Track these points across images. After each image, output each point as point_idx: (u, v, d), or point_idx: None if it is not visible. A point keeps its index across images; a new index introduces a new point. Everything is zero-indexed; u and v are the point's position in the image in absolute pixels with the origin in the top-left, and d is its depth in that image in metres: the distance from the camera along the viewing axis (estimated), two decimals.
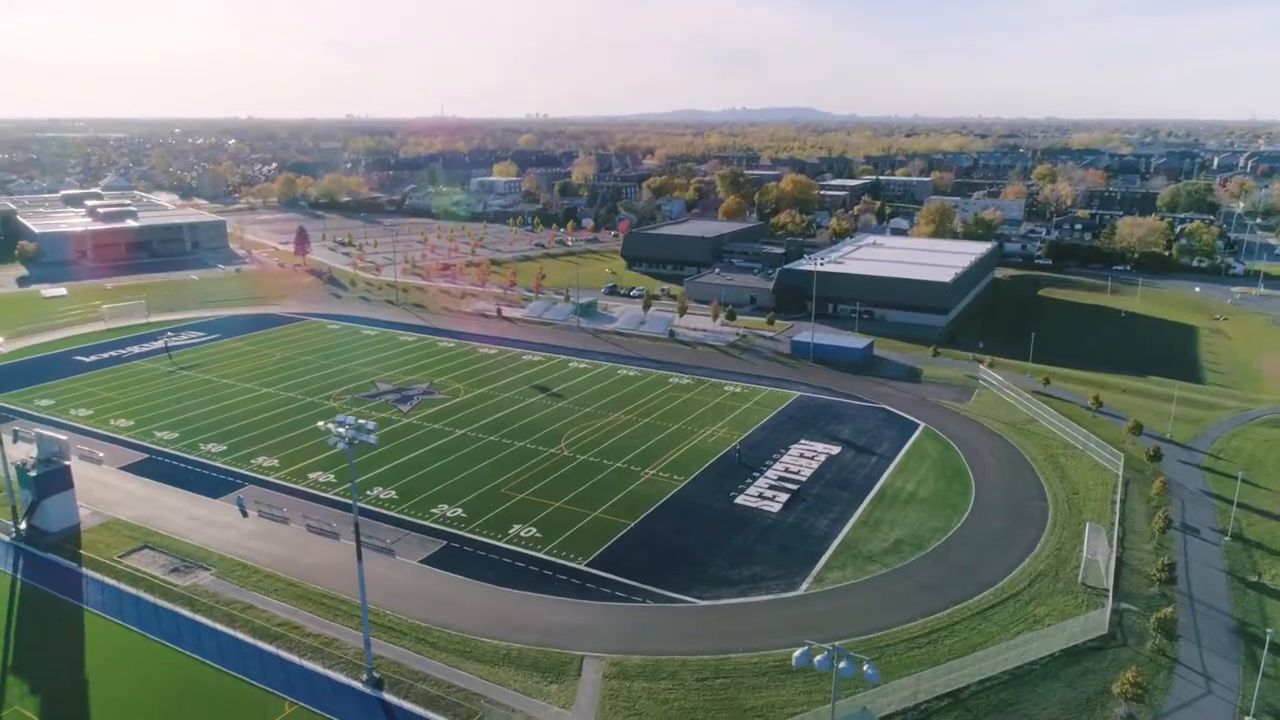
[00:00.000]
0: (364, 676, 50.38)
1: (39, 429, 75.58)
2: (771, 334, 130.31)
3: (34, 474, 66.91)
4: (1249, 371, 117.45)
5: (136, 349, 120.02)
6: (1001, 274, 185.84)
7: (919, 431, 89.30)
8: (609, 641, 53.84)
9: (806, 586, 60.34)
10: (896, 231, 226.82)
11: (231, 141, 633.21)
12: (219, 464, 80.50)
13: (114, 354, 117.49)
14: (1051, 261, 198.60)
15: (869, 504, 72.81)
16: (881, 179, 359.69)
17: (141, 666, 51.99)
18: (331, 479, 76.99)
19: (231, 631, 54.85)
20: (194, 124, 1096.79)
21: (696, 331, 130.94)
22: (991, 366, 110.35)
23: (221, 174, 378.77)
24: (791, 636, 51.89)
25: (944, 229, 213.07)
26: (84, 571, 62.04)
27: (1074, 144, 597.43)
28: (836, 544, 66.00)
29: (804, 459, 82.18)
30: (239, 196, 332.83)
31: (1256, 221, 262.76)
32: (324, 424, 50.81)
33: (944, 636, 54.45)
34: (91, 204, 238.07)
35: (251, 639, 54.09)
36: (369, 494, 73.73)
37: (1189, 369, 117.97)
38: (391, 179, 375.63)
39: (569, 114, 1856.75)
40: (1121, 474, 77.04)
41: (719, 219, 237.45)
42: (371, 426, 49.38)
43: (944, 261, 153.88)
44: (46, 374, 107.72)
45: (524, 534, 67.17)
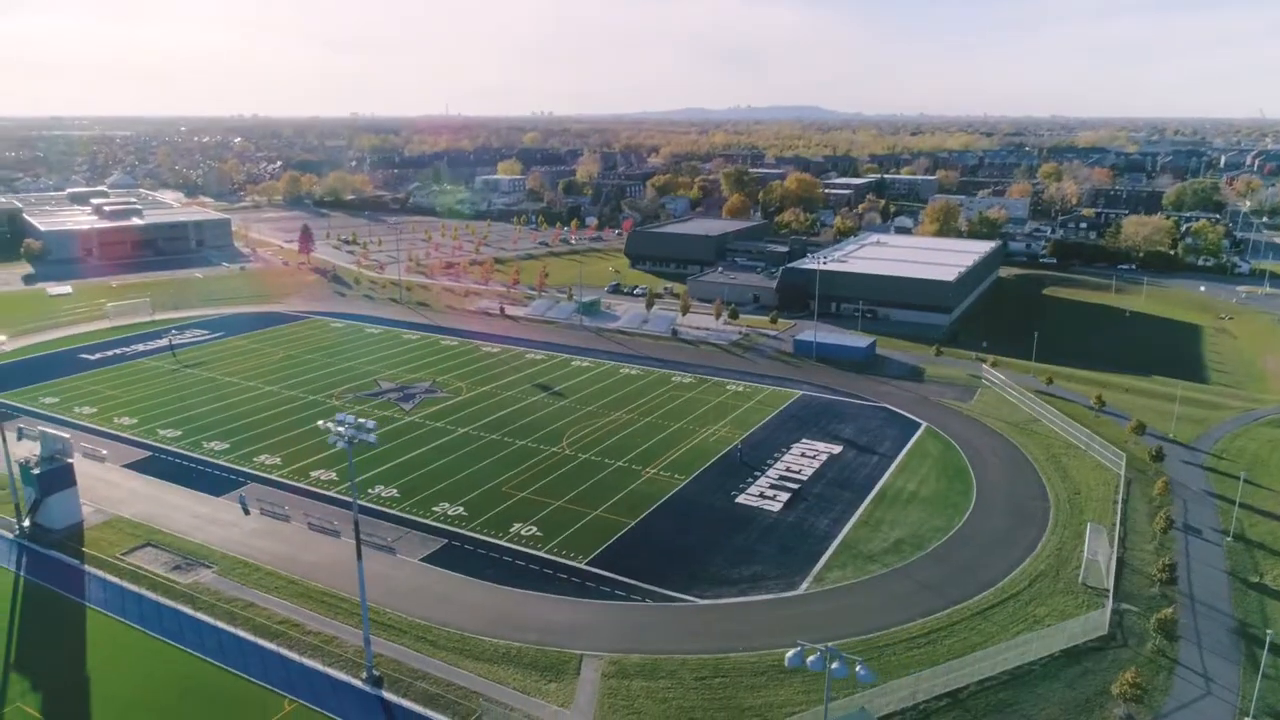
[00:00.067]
0: (364, 674, 50.58)
1: (42, 427, 75.98)
2: (774, 333, 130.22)
3: (37, 472, 67.24)
4: (1253, 371, 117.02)
5: (141, 347, 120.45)
6: (1006, 273, 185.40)
7: (921, 431, 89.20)
8: (608, 640, 53.93)
9: (806, 586, 60.35)
10: (901, 230, 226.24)
11: (237, 139, 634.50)
12: (222, 462, 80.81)
13: (118, 352, 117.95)
14: (1056, 260, 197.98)
15: (870, 503, 72.77)
16: (886, 177, 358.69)
17: (143, 664, 52.25)
18: (333, 477, 77.22)
19: (232, 629, 55.09)
20: (199, 122, 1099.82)
21: (699, 330, 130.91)
22: (994, 366, 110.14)
23: (227, 172, 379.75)
24: (791, 636, 51.75)
25: (948, 228, 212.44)
26: (86, 569, 62.36)
27: (1080, 142, 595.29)
28: (837, 543, 66.00)
29: (805, 458, 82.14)
30: (244, 194, 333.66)
31: (1263, 220, 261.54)
32: (323, 423, 50.96)
33: (943, 636, 54.42)
34: (97, 202, 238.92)
35: (252, 636, 54.33)
36: (370, 492, 73.94)
37: (1193, 369, 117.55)
38: (396, 177, 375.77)
39: (574, 112, 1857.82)
40: (1123, 474, 76.85)
41: (723, 217, 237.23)
42: (371, 425, 49.48)
43: (948, 260, 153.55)
44: (51, 372, 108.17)
45: (524, 533, 67.30)
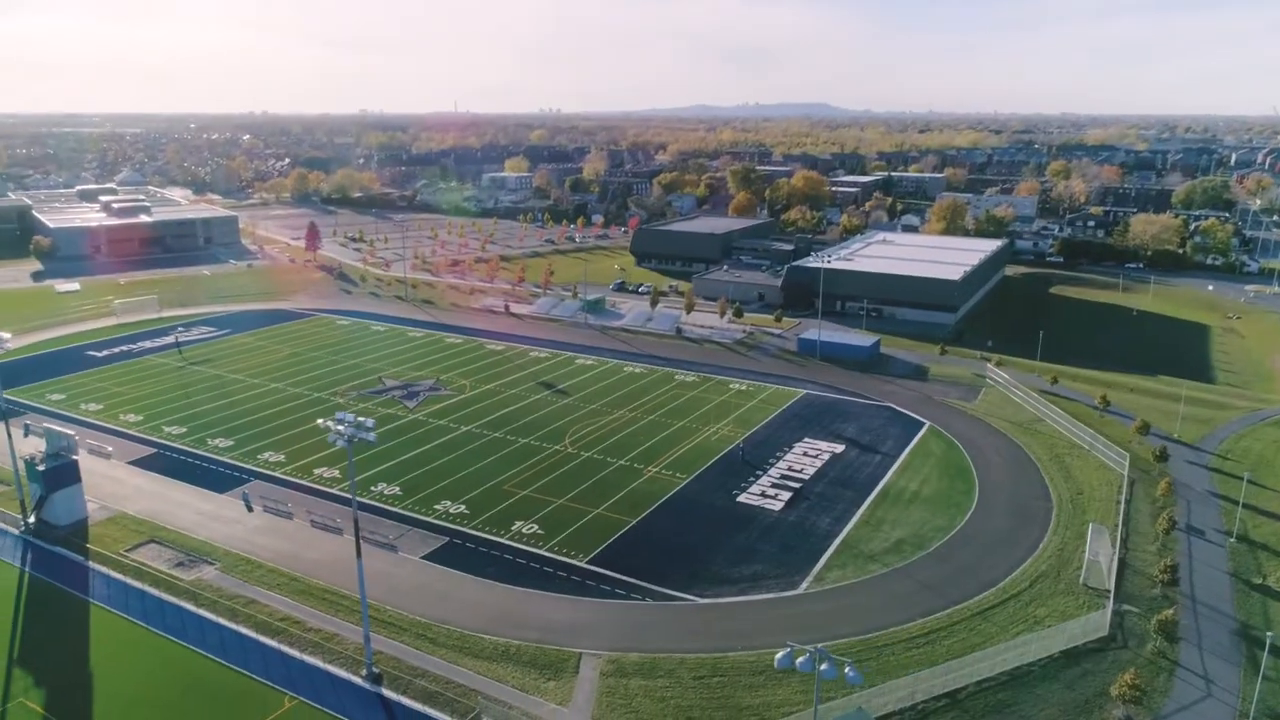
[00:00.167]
0: (363, 672, 50.82)
1: (48, 423, 76.48)
2: (779, 331, 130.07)
3: (42, 468, 67.69)
4: (1261, 371, 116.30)
5: (148, 344, 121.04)
6: (1012, 271, 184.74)
7: (924, 430, 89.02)
8: (607, 639, 54.04)
9: (806, 585, 60.35)
10: (908, 228, 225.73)
11: (246, 137, 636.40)
12: (226, 459, 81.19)
13: (125, 349, 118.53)
14: (1063, 259, 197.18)
15: (871, 503, 72.69)
16: (894, 175, 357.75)
17: (145, 660, 52.61)
18: (336, 474, 77.50)
19: (234, 626, 55.39)
20: (209, 119, 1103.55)
21: (703, 329, 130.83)
22: (999, 365, 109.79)
23: (235, 169, 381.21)
24: (790, 636, 51.79)
25: (955, 226, 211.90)
26: (90, 565, 62.77)
27: (1089, 140, 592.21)
28: (838, 543, 65.96)
29: (808, 457, 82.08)
30: (252, 192, 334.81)
31: (1273, 219, 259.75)
32: (324, 422, 51.15)
33: (943, 637, 54.37)
34: (106, 199, 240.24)
35: (254, 633, 54.62)
36: (373, 490, 74.21)
37: (1200, 368, 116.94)
38: (404, 174, 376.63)
39: (581, 109, 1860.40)
40: (1127, 474, 76.57)
41: (729, 215, 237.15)
42: (370, 424, 49.62)
43: (954, 259, 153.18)
44: (58, 369, 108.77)
45: (526, 531, 67.46)
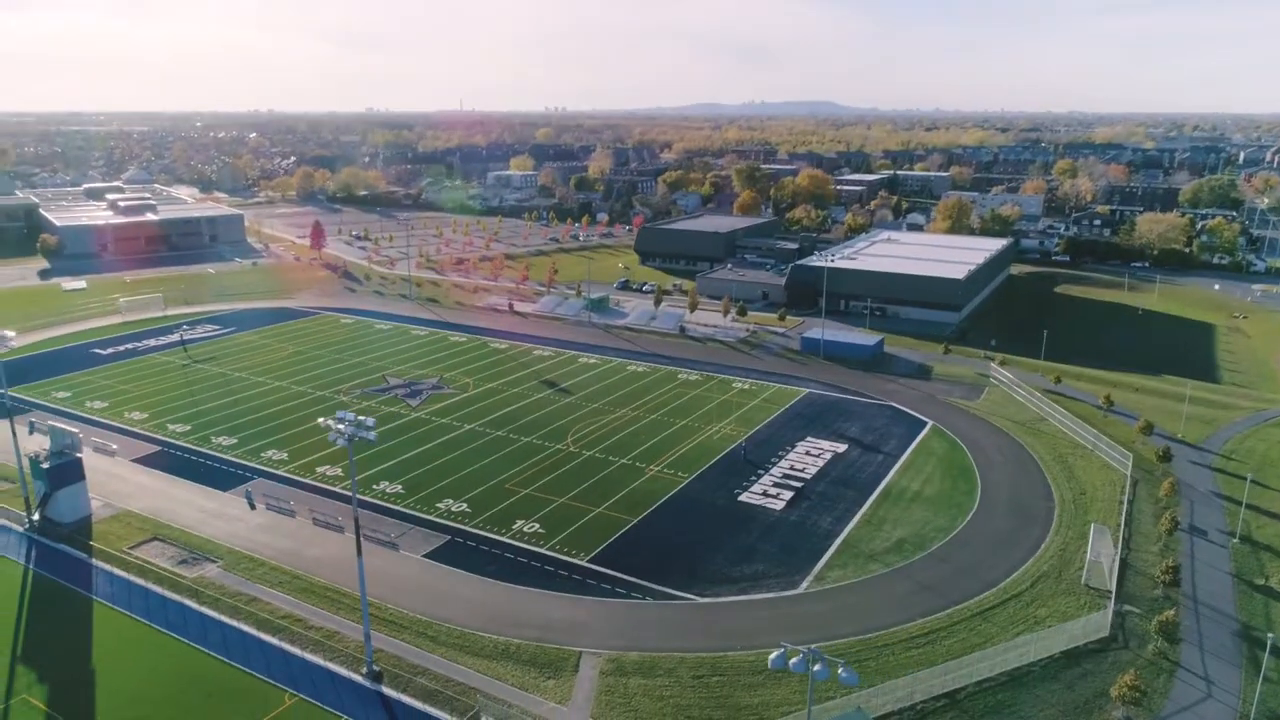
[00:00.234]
0: (364, 670, 51.01)
1: (52, 421, 76.82)
2: (782, 330, 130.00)
3: (46, 466, 68.04)
4: (1266, 371, 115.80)
5: (153, 342, 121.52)
6: (1018, 270, 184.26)
7: (926, 430, 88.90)
8: (607, 638, 54.14)
9: (807, 585, 60.35)
10: (913, 227, 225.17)
11: (252, 135, 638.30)
12: (229, 457, 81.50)
13: (130, 347, 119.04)
14: (1069, 258, 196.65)
15: (873, 502, 72.64)
16: (899, 174, 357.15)
17: (148, 657, 52.84)
18: (339, 473, 77.73)
19: (236, 623, 55.61)
20: (215, 118, 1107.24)
21: (707, 327, 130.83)
22: (1003, 364, 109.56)
23: (241, 168, 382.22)
24: (790, 635, 51.89)
25: (960, 225, 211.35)
26: (94, 562, 63.07)
27: (1097, 138, 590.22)
28: (839, 542, 65.94)
29: (810, 456, 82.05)
30: (258, 190, 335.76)
31: None
32: (324, 420, 51.31)
33: (943, 637, 54.33)
34: (112, 198, 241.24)
35: (255, 631, 54.84)
36: (375, 488, 74.43)
37: (1205, 368, 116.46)
38: (410, 172, 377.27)
39: (588, 107, 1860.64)
40: (1130, 474, 76.38)
41: (734, 214, 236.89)
42: (370, 423, 49.77)
43: (958, 258, 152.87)
44: (64, 366, 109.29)
45: (527, 529, 67.58)
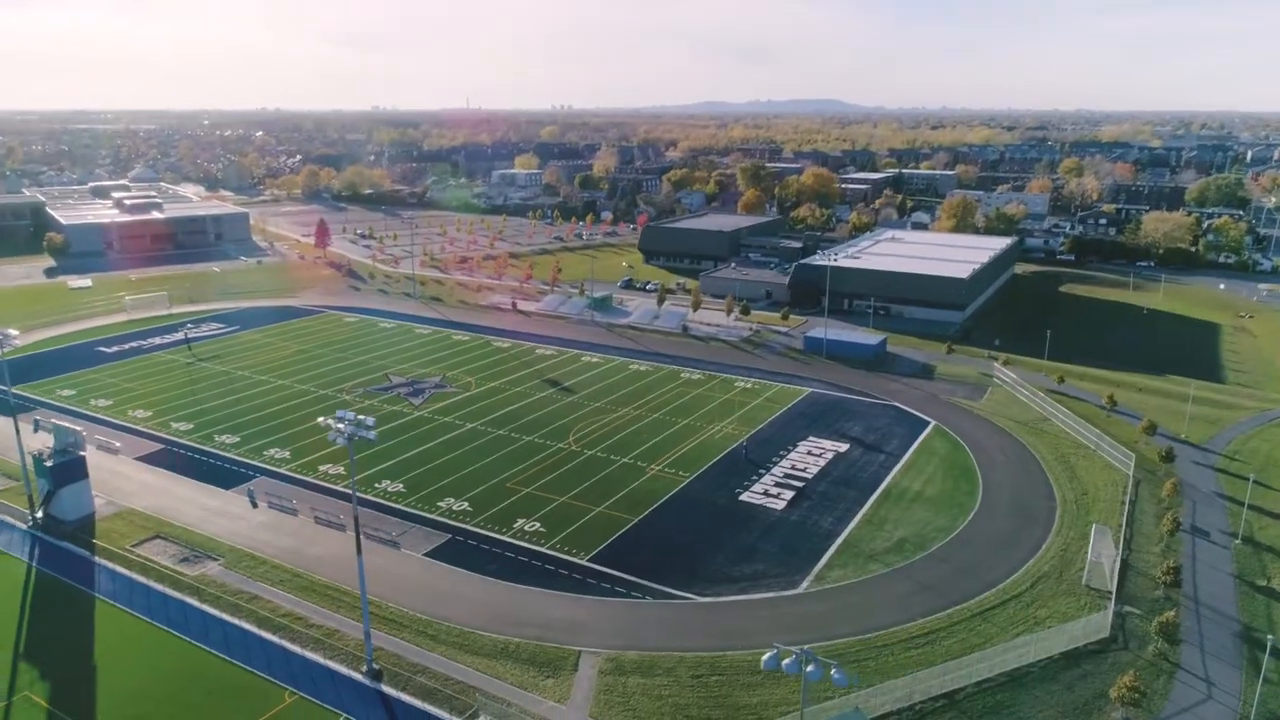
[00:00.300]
0: (364, 668, 51.16)
1: (55, 419, 77.09)
2: (785, 329, 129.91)
3: (50, 464, 68.37)
4: (1272, 371, 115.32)
5: (157, 340, 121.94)
6: (1022, 269, 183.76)
7: (929, 429, 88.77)
8: (607, 637, 54.21)
9: (807, 585, 60.34)
10: (917, 226, 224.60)
11: (258, 133, 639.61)
12: (232, 455, 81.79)
13: (135, 345, 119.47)
14: (1074, 257, 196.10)
15: (874, 502, 72.58)
16: (904, 172, 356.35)
17: (149, 654, 53.07)
18: (341, 471, 77.94)
19: (237, 621, 55.82)
20: (221, 116, 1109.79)
21: (710, 327, 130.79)
22: (1007, 364, 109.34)
23: (247, 166, 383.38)
24: (790, 635, 52.02)
25: (965, 223, 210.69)
26: (96, 560, 63.36)
27: (1103, 137, 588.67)
28: (839, 542, 65.91)
29: (811, 456, 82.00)
30: (263, 188, 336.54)
31: None
32: (324, 420, 51.45)
33: (942, 637, 54.28)
34: (118, 196, 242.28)
35: (256, 629, 55.05)
36: (376, 486, 74.63)
37: (1210, 368, 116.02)
38: (415, 171, 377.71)
39: (592, 106, 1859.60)
40: (1132, 475, 76.18)
41: (738, 213, 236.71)
42: (370, 423, 49.90)
43: (962, 257, 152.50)
44: (69, 364, 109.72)
45: (528, 528, 67.69)
